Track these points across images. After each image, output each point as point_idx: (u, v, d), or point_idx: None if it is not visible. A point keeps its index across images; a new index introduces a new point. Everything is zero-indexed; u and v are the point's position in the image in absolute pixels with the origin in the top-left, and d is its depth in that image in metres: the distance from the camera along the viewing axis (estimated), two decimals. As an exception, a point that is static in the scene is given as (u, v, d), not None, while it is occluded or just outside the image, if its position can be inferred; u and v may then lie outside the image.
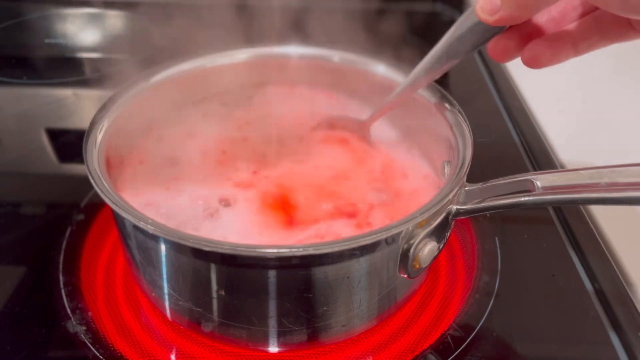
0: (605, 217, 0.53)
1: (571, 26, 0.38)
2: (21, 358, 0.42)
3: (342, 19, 0.61)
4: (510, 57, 0.39)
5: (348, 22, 0.61)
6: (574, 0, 0.38)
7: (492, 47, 0.39)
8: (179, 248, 0.37)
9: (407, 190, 0.46)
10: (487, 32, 0.38)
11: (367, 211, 0.43)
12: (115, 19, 0.92)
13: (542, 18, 0.38)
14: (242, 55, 0.56)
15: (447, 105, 0.48)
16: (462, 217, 0.41)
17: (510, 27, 0.38)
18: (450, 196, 0.38)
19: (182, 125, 0.51)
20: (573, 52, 0.38)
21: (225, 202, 0.44)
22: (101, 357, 0.41)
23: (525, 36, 0.39)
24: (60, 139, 0.66)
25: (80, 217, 0.54)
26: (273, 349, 0.41)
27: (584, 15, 0.38)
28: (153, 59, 0.54)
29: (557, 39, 0.38)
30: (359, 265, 0.37)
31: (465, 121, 0.45)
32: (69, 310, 0.45)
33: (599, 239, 0.51)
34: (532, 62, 0.38)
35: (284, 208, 0.43)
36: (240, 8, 0.60)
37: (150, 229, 0.35)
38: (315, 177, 0.46)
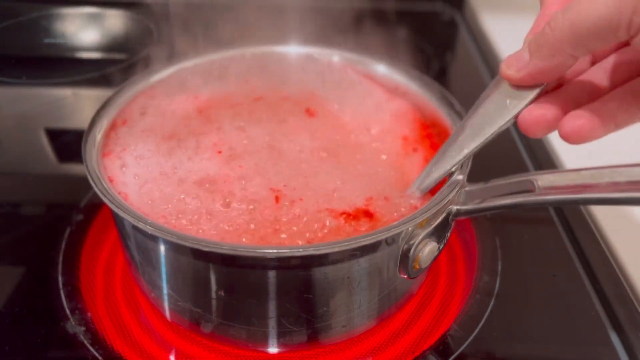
0: (606, 218, 0.53)
1: (609, 99, 0.35)
2: (20, 358, 0.42)
3: (342, 18, 0.61)
4: (545, 130, 0.35)
5: (348, 22, 0.61)
6: (623, 56, 0.35)
7: (525, 117, 0.35)
8: (178, 248, 0.36)
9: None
10: (518, 101, 0.35)
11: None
12: (115, 19, 0.92)
13: (583, 81, 0.35)
14: (242, 55, 0.56)
15: (447, 105, 0.48)
16: (462, 218, 0.41)
17: (545, 94, 0.35)
18: (451, 196, 0.38)
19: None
20: (613, 125, 0.34)
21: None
22: (100, 358, 0.41)
23: (563, 105, 0.35)
24: (60, 139, 0.66)
25: (80, 217, 0.54)
26: (273, 349, 0.40)
27: (614, 86, 0.35)
28: (153, 59, 0.54)
29: (597, 110, 0.34)
30: (359, 266, 0.37)
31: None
32: (68, 311, 0.45)
33: (600, 239, 0.51)
34: (574, 136, 0.34)
35: None
36: (240, 8, 0.60)
37: (149, 229, 0.35)
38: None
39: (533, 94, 0.35)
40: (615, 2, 0.28)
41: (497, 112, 0.36)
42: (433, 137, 0.48)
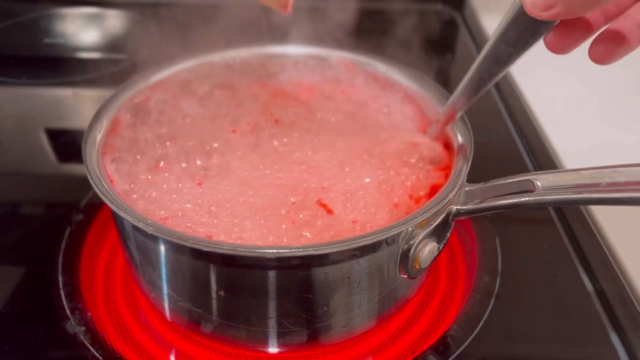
0: (606, 218, 0.53)
1: (636, 13, 0.34)
2: (20, 358, 0.42)
3: (342, 18, 0.61)
4: (571, 49, 0.35)
5: (348, 22, 0.61)
6: None
7: (552, 40, 0.34)
8: (178, 248, 0.36)
9: None
10: (539, 28, 0.34)
11: None
12: (115, 19, 0.92)
13: None
14: (242, 55, 0.56)
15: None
16: (462, 218, 0.41)
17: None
18: (451, 196, 0.38)
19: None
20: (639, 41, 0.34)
21: None
22: (100, 358, 0.41)
23: (588, 26, 0.34)
24: (60, 139, 0.66)
25: (80, 217, 0.54)
26: (273, 349, 0.40)
27: None
28: (153, 59, 0.54)
29: (626, 30, 0.34)
30: (359, 266, 0.37)
31: (465, 121, 0.45)
32: (68, 311, 0.45)
33: (600, 240, 0.51)
34: (604, 58, 0.34)
35: None
36: (240, 8, 0.60)
37: (149, 229, 0.35)
38: None
39: (555, 22, 0.34)
40: None
41: (519, 40, 0.35)
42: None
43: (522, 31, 0.35)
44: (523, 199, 0.38)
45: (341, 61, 0.55)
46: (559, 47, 0.35)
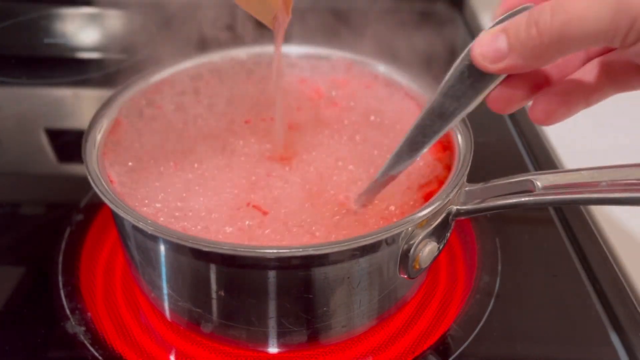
0: (606, 218, 0.53)
1: (581, 76, 0.34)
2: (20, 358, 0.42)
3: (342, 18, 0.61)
4: (514, 109, 0.34)
5: (348, 22, 0.61)
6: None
7: (494, 97, 0.33)
8: (178, 248, 0.36)
9: None
10: (486, 82, 0.33)
11: None
12: (115, 19, 0.92)
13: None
14: (242, 54, 0.56)
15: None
16: (462, 218, 0.41)
17: (514, 75, 0.33)
18: (451, 196, 0.38)
19: None
20: (584, 104, 0.34)
21: None
22: (100, 358, 0.41)
23: (533, 85, 0.34)
24: (60, 139, 0.66)
25: (80, 217, 0.54)
26: (273, 349, 0.40)
27: (587, 60, 0.35)
28: (153, 59, 0.54)
29: (569, 91, 0.33)
30: (359, 266, 0.37)
31: (465, 121, 0.44)
32: (68, 311, 0.45)
33: (600, 240, 0.51)
34: (546, 118, 0.34)
35: None
36: (240, 8, 0.60)
37: (149, 229, 0.35)
38: None
39: (502, 77, 0.33)
40: (611, 11, 0.26)
41: (465, 94, 0.34)
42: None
43: (469, 85, 0.33)
44: (523, 199, 0.38)
45: (341, 61, 0.55)
46: (500, 106, 0.34)
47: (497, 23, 0.31)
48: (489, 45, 0.31)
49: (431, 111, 0.35)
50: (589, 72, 0.34)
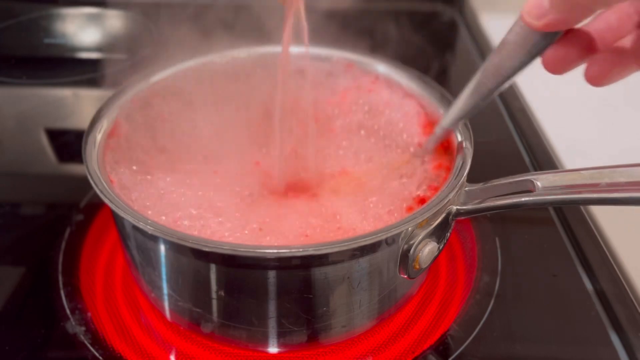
0: (605, 218, 0.53)
1: (633, 39, 0.35)
2: (20, 358, 0.42)
3: (343, 18, 0.61)
4: (568, 69, 0.36)
5: (348, 22, 0.61)
6: (629, 7, 0.35)
7: (549, 57, 0.35)
8: (178, 248, 0.36)
9: None
10: (539, 42, 0.34)
11: None
12: (115, 19, 0.92)
13: (600, 25, 0.35)
14: (242, 54, 0.56)
15: (447, 105, 0.48)
16: (462, 218, 0.41)
17: (568, 34, 0.34)
18: (451, 196, 0.38)
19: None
20: (637, 65, 0.35)
21: None
22: (100, 358, 0.41)
23: (586, 46, 0.35)
24: (60, 139, 0.66)
25: (80, 217, 0.54)
26: (273, 349, 0.40)
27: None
28: (153, 59, 0.54)
29: (622, 52, 0.35)
30: (359, 266, 0.37)
31: (465, 121, 0.44)
32: (68, 311, 0.45)
33: (600, 240, 0.51)
34: (598, 79, 0.35)
35: None
36: (240, 8, 0.60)
37: (149, 229, 0.35)
38: None
39: (556, 36, 0.34)
40: None
41: (519, 53, 0.36)
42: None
43: (521, 44, 0.35)
44: (523, 199, 0.38)
45: (341, 61, 0.55)
46: (555, 66, 0.35)
47: None
48: (533, 2, 0.32)
49: (485, 70, 0.38)
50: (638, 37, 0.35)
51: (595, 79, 0.35)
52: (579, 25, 0.34)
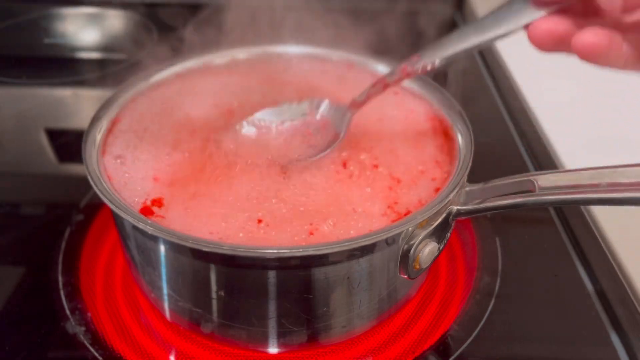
0: (606, 218, 0.53)
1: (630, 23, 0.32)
2: (20, 358, 0.42)
3: (343, 18, 0.61)
4: (554, 45, 0.33)
5: (348, 22, 0.61)
6: None
7: (535, 28, 0.33)
8: (178, 249, 0.36)
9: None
10: (528, 14, 0.33)
11: None
12: (115, 19, 0.92)
13: None
14: (242, 55, 0.56)
15: (447, 105, 0.48)
16: (462, 218, 0.40)
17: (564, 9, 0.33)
18: (451, 197, 0.38)
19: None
20: (631, 49, 0.32)
21: None
22: (100, 358, 0.41)
23: (578, 21, 0.32)
24: (60, 139, 0.66)
25: (80, 217, 0.54)
26: (273, 349, 0.40)
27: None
28: (153, 59, 0.54)
29: (616, 30, 0.32)
30: (359, 266, 0.37)
31: (465, 121, 0.44)
32: (68, 311, 0.45)
33: (600, 240, 0.51)
34: (587, 52, 0.31)
35: None
36: (239, 8, 0.60)
37: (149, 229, 0.35)
38: None
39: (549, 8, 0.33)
40: None
41: (509, 17, 0.35)
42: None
43: (514, 12, 0.34)
44: (523, 199, 0.38)
45: (341, 61, 0.55)
46: (543, 40, 0.33)
47: None
48: None
49: (472, 25, 0.37)
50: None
51: (583, 51, 0.32)
52: None
